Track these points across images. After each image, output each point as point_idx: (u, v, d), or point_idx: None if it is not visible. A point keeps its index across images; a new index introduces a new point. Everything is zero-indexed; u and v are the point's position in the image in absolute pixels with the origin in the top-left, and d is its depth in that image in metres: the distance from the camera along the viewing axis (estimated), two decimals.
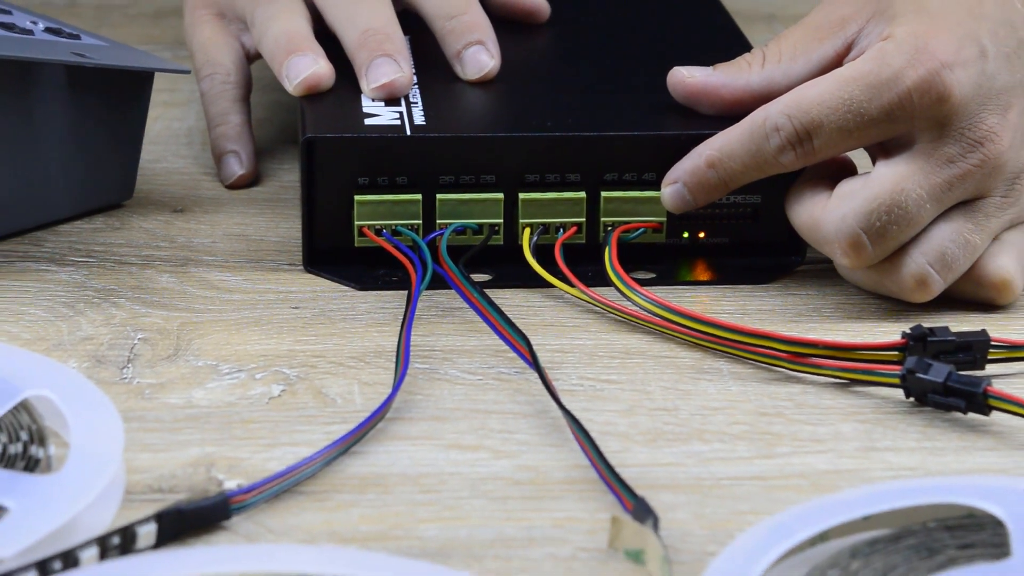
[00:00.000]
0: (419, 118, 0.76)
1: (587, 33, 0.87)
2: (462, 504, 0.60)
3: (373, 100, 0.77)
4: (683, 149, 0.74)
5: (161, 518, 0.57)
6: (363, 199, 0.74)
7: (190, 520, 0.58)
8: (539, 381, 0.65)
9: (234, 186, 0.84)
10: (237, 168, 0.84)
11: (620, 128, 0.75)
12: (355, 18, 0.80)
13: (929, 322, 0.69)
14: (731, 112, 0.74)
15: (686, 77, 0.75)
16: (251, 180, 0.84)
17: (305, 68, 0.78)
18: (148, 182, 0.83)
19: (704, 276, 0.76)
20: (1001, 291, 0.73)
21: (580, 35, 0.86)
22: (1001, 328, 0.70)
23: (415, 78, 0.79)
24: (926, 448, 0.64)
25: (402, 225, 0.75)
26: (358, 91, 0.78)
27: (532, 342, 0.67)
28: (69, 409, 0.62)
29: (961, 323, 0.70)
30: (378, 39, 0.79)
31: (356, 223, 0.75)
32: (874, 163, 0.72)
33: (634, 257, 0.76)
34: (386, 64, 0.78)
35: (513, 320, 0.68)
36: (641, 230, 0.75)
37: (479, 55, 0.80)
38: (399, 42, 0.79)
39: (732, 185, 0.73)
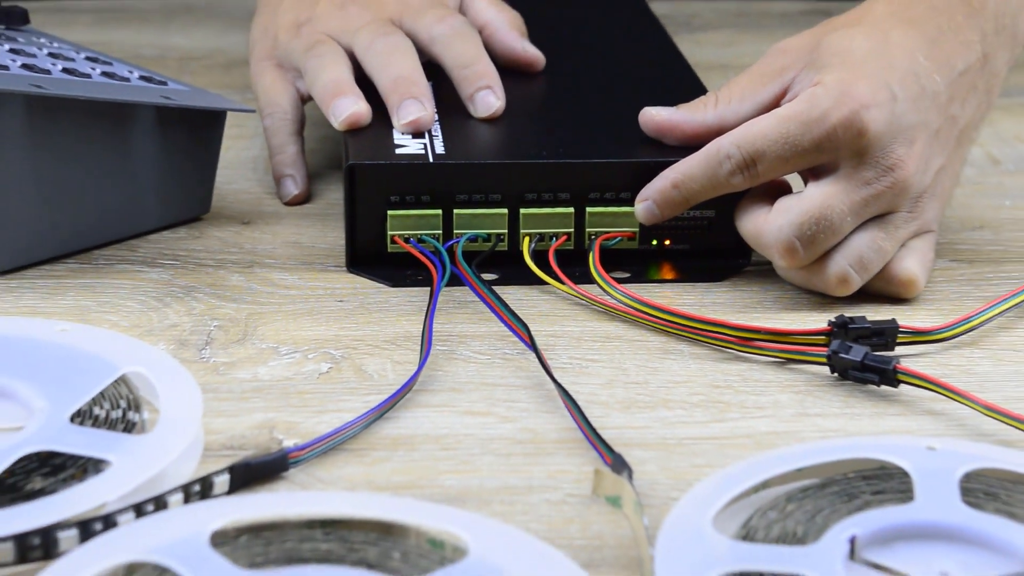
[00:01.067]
0: (440, 148, 0.76)
1: (573, 79, 0.86)
2: (474, 459, 0.60)
3: (402, 134, 0.77)
4: (652, 173, 0.74)
5: (233, 470, 0.57)
6: (395, 213, 0.74)
7: (256, 472, 0.58)
8: (536, 360, 0.66)
9: (291, 203, 0.84)
10: (293, 189, 0.84)
11: (601, 156, 0.75)
12: (388, 67, 0.80)
13: (850, 312, 0.69)
14: (691, 143, 0.74)
15: (654, 115, 0.76)
16: (304, 199, 0.84)
17: (348, 108, 0.79)
18: (221, 199, 0.83)
19: (669, 275, 0.76)
20: (907, 287, 0.73)
21: (568, 81, 0.86)
22: (908, 317, 0.70)
23: (436, 116, 0.79)
24: (847, 414, 0.64)
25: (426, 234, 0.75)
26: (391, 126, 0.78)
27: (531, 329, 0.67)
28: (159, 382, 0.62)
29: (875, 313, 0.71)
30: (406, 84, 0.79)
31: (389, 233, 0.75)
32: (806, 184, 0.72)
33: (613, 260, 0.76)
34: (413, 104, 0.78)
35: (515, 311, 0.68)
36: (619, 238, 0.76)
37: (488, 97, 0.80)
38: (423, 87, 0.79)
39: (692, 202, 0.73)
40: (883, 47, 0.71)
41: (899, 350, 0.68)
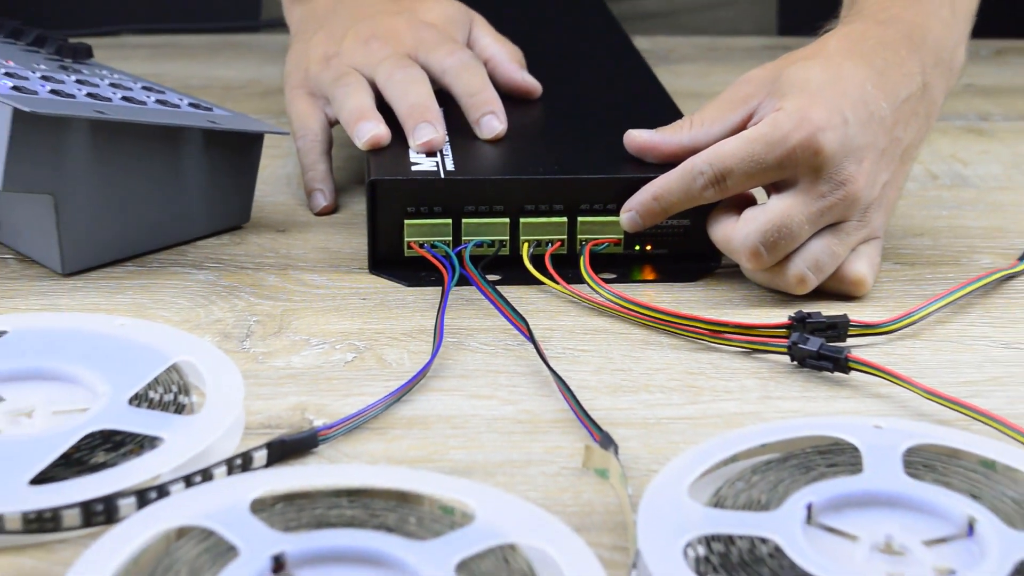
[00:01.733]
0: (450, 165, 0.76)
1: (566, 105, 0.87)
2: (480, 437, 0.60)
3: (417, 153, 0.77)
4: (635, 187, 0.74)
5: (270, 446, 0.57)
6: (411, 222, 0.74)
7: (290, 448, 0.58)
8: (534, 350, 0.66)
9: (320, 214, 0.84)
10: (322, 201, 0.84)
11: (590, 172, 0.75)
12: (405, 96, 0.80)
13: (807, 308, 0.69)
14: (669, 161, 0.74)
15: (637, 136, 0.75)
16: (332, 210, 0.84)
17: (370, 130, 0.79)
18: (260, 210, 0.83)
19: (650, 276, 0.76)
20: (857, 287, 0.73)
21: (561, 106, 0.86)
22: (857, 313, 0.70)
23: (447, 138, 0.79)
24: (805, 397, 0.64)
25: (438, 240, 0.75)
26: (407, 147, 0.78)
27: (529, 323, 0.67)
28: (206, 370, 0.62)
29: (829, 309, 0.70)
30: (421, 110, 0.79)
31: (406, 239, 0.75)
32: (769, 196, 0.72)
33: (601, 263, 0.76)
34: (427, 128, 0.78)
35: (516, 307, 0.68)
36: (606, 244, 0.75)
37: (492, 122, 0.80)
38: (436, 112, 0.79)
39: (670, 212, 0.73)
40: (836, 78, 0.72)
41: (850, 341, 0.68)
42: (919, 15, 0.76)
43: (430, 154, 0.77)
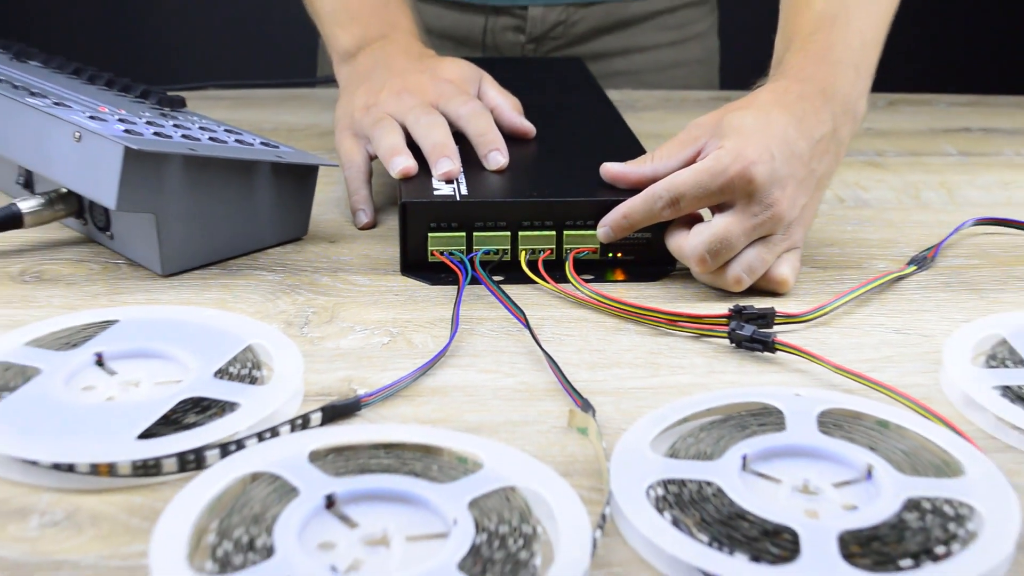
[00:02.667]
0: (464, 191, 0.76)
1: (554, 143, 0.86)
2: (487, 402, 0.60)
3: (439, 181, 0.77)
4: (609, 207, 0.74)
5: (323, 410, 0.57)
6: (433, 235, 0.74)
7: (339, 411, 0.58)
8: (530, 335, 0.66)
9: (363, 228, 0.83)
10: (364, 218, 0.84)
11: (574, 196, 0.75)
12: (429, 136, 0.80)
13: (743, 302, 0.69)
14: (635, 187, 0.74)
15: (610, 168, 0.75)
16: (372, 225, 0.84)
17: (401, 163, 0.79)
18: (315, 225, 0.83)
19: (620, 277, 0.76)
20: (782, 286, 0.73)
21: (551, 144, 0.86)
22: (782, 306, 0.70)
23: (462, 169, 0.79)
24: (741, 371, 0.64)
25: (455, 249, 0.75)
26: (431, 176, 0.78)
27: (526, 313, 0.67)
28: (273, 350, 0.62)
29: (760, 303, 0.71)
30: (441, 147, 0.79)
31: (429, 248, 0.75)
32: (713, 215, 0.72)
33: (582, 267, 0.76)
34: (446, 161, 0.78)
35: (516, 302, 0.68)
36: (586, 252, 0.75)
37: (497, 156, 0.80)
38: (453, 149, 0.79)
39: (636, 227, 0.73)
40: (766, 123, 0.72)
41: (776, 328, 0.68)
42: (830, 75, 0.76)
43: (449, 182, 0.77)
